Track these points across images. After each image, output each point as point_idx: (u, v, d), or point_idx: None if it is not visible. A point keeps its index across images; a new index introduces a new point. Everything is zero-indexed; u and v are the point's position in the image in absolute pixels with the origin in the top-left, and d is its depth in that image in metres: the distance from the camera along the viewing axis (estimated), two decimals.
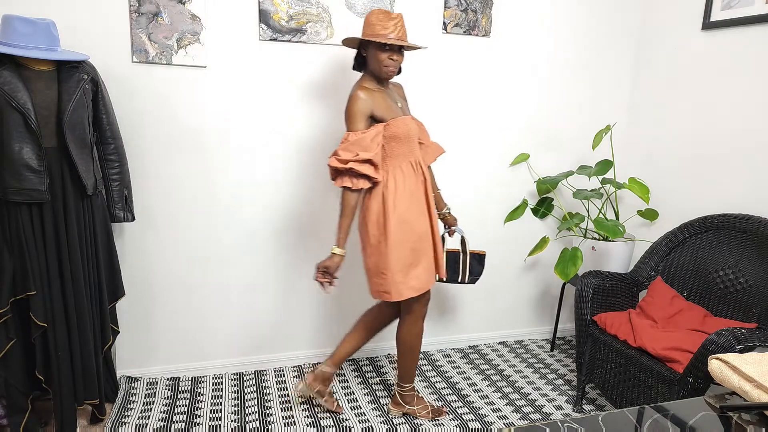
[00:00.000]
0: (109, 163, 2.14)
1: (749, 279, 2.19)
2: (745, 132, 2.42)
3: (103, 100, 2.07)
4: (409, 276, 2.09)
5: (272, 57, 2.44)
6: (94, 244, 2.09)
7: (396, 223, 2.04)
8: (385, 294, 2.09)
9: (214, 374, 2.65)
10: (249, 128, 2.48)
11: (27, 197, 1.86)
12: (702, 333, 2.10)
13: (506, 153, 2.91)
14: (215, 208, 2.51)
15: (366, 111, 2.01)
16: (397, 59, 2.02)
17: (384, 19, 1.99)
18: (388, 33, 1.98)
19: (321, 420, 2.31)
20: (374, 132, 1.99)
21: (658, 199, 2.82)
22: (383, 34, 1.98)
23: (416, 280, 2.10)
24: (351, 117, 2.01)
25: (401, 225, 2.05)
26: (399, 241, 2.05)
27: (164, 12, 2.25)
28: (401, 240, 2.05)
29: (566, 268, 2.58)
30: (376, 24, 1.99)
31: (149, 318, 2.53)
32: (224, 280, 2.59)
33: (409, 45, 2.03)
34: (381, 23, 1.98)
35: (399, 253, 2.05)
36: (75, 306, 2.02)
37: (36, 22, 1.84)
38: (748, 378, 1.11)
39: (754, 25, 2.37)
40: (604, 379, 2.28)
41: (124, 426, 2.20)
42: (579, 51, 2.90)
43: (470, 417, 2.37)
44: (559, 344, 3.15)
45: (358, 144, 1.97)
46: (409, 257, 2.08)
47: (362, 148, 1.96)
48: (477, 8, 2.66)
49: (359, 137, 1.97)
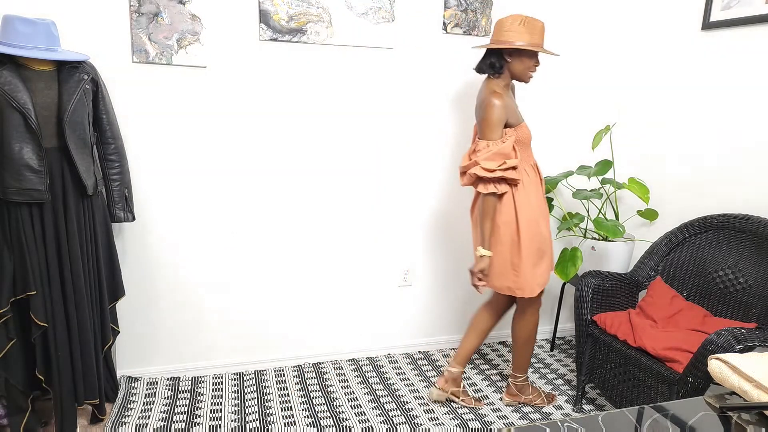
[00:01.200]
0: (109, 163, 2.14)
1: (749, 279, 2.20)
2: (744, 132, 2.42)
3: (103, 100, 2.07)
4: (537, 273, 2.23)
5: (272, 57, 2.44)
6: (94, 244, 2.09)
7: (526, 223, 2.17)
8: (518, 290, 2.22)
9: (214, 374, 2.65)
10: (249, 128, 2.48)
11: (27, 197, 1.87)
12: (702, 333, 2.10)
13: None
14: (215, 208, 2.51)
15: (503, 118, 2.10)
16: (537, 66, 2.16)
17: (537, 27, 2.08)
18: (541, 42, 2.10)
19: (321, 420, 2.31)
20: (512, 140, 2.11)
21: (658, 199, 2.83)
22: (540, 43, 2.10)
23: (542, 277, 2.26)
24: (491, 125, 2.10)
25: (530, 225, 2.18)
26: (529, 240, 2.18)
27: (164, 12, 2.25)
28: (530, 239, 2.18)
29: (566, 268, 2.58)
30: (534, 33, 2.08)
31: (149, 318, 2.53)
32: (225, 280, 2.59)
33: (554, 53, 2.17)
34: (537, 32, 2.08)
35: (529, 251, 2.18)
36: (75, 306, 2.02)
37: (36, 22, 1.84)
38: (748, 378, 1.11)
39: (754, 25, 2.37)
40: (604, 379, 2.28)
41: (124, 426, 2.20)
42: (579, 51, 2.90)
43: (470, 417, 2.37)
44: (559, 344, 3.15)
45: (501, 153, 2.07)
46: (536, 255, 2.21)
47: (505, 156, 2.08)
48: (477, 8, 2.66)
49: (501, 147, 2.08)
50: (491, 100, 2.07)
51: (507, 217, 2.17)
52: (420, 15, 2.60)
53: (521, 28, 2.06)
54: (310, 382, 2.61)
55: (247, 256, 2.61)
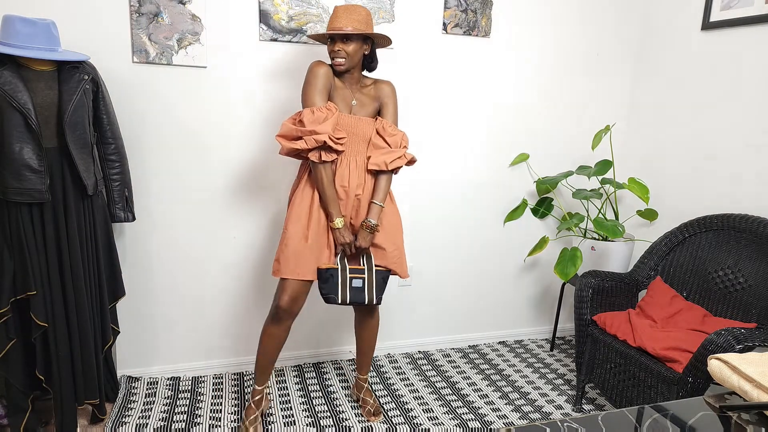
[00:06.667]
0: (109, 163, 2.14)
1: (749, 279, 2.20)
2: (744, 132, 2.42)
3: (103, 100, 2.07)
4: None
5: (272, 57, 2.44)
6: (94, 244, 2.09)
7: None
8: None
9: (214, 374, 2.65)
10: (249, 128, 2.48)
11: (27, 197, 1.87)
12: (701, 333, 2.11)
13: (506, 153, 2.91)
14: (216, 208, 2.52)
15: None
16: (340, 49, 1.97)
17: (333, 14, 1.99)
18: (332, 25, 1.98)
19: (321, 420, 2.31)
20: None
21: (658, 199, 2.83)
22: (332, 27, 1.97)
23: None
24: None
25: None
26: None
27: (164, 12, 2.25)
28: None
29: (566, 268, 2.58)
30: (329, 21, 2.00)
31: (149, 318, 2.53)
32: (225, 280, 2.59)
33: (345, 32, 1.94)
34: (330, 19, 1.99)
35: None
36: (75, 306, 2.02)
37: (36, 22, 1.84)
38: (748, 378, 1.11)
39: (754, 25, 2.38)
40: (604, 379, 2.28)
41: (125, 426, 2.21)
42: (579, 51, 2.91)
43: (470, 417, 2.37)
44: (558, 344, 3.15)
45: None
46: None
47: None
48: (477, 8, 2.66)
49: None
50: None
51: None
52: (420, 15, 2.60)
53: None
54: (310, 382, 2.61)
55: (247, 255, 2.61)
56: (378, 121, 2.10)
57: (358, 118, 2.07)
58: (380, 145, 2.08)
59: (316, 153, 1.98)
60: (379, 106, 2.13)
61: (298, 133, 1.97)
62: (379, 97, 2.13)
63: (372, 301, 2.09)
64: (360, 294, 2.08)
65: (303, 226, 2.04)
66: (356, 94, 2.09)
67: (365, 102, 2.10)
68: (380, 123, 2.09)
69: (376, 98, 2.13)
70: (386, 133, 2.08)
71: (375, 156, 2.06)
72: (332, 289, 2.04)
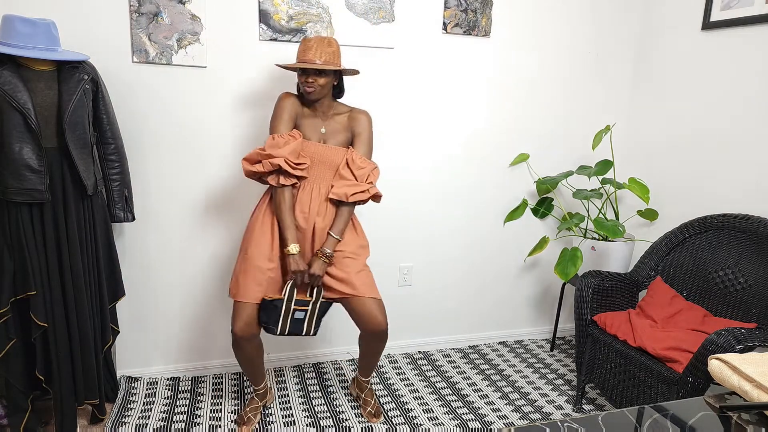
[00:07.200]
0: (109, 163, 2.14)
1: (749, 279, 2.20)
2: (744, 132, 2.42)
3: (103, 100, 2.07)
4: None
5: (272, 57, 2.44)
6: (94, 244, 2.09)
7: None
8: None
9: (214, 374, 2.65)
10: (249, 128, 2.48)
11: (27, 197, 1.87)
12: (702, 333, 2.11)
13: (506, 153, 2.91)
14: (215, 208, 2.51)
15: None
16: (313, 80, 2.00)
17: (303, 46, 2.02)
18: (303, 57, 2.01)
19: (321, 420, 2.31)
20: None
21: (658, 199, 2.83)
22: (302, 59, 2.01)
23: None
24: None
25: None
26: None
27: (164, 12, 2.25)
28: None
29: (566, 268, 2.58)
30: (298, 51, 2.03)
31: (149, 318, 2.53)
32: (225, 280, 2.59)
33: (317, 67, 1.97)
34: (302, 50, 2.02)
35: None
36: (75, 306, 2.02)
37: (36, 22, 1.84)
38: (748, 378, 1.11)
39: (754, 25, 2.37)
40: (604, 379, 2.28)
41: (124, 426, 2.20)
42: (579, 51, 2.90)
43: (470, 417, 2.37)
44: (558, 344, 3.15)
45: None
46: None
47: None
48: (477, 8, 2.66)
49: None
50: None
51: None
52: (420, 15, 2.60)
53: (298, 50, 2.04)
54: (309, 382, 2.61)
55: None
56: (349, 152, 2.11)
57: (327, 146, 2.09)
58: (346, 176, 2.08)
59: (275, 177, 2.03)
60: (352, 136, 2.14)
61: (258, 157, 2.02)
62: (353, 127, 2.13)
63: (309, 333, 2.11)
64: (299, 326, 2.09)
65: (267, 248, 2.07)
66: (326, 122, 2.12)
67: (336, 130, 2.12)
68: (350, 154, 2.10)
69: (348, 128, 2.14)
70: (354, 165, 2.08)
71: (338, 186, 2.07)
72: (272, 319, 2.05)
